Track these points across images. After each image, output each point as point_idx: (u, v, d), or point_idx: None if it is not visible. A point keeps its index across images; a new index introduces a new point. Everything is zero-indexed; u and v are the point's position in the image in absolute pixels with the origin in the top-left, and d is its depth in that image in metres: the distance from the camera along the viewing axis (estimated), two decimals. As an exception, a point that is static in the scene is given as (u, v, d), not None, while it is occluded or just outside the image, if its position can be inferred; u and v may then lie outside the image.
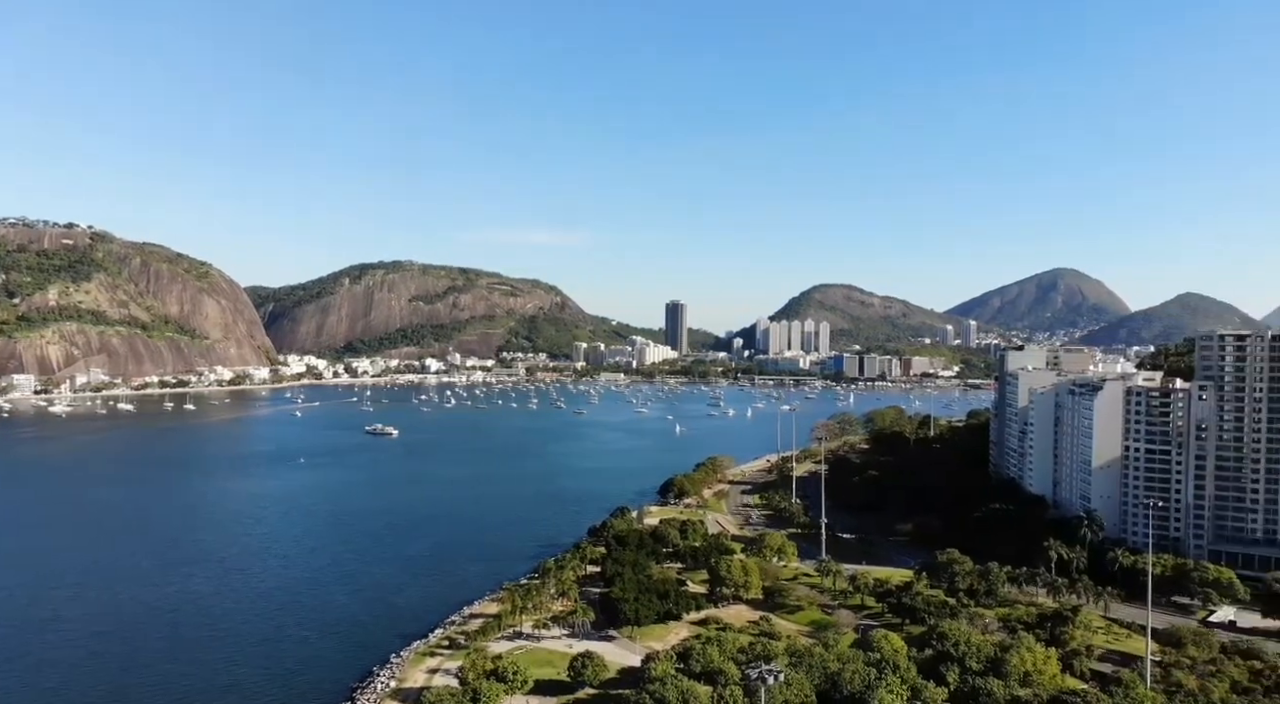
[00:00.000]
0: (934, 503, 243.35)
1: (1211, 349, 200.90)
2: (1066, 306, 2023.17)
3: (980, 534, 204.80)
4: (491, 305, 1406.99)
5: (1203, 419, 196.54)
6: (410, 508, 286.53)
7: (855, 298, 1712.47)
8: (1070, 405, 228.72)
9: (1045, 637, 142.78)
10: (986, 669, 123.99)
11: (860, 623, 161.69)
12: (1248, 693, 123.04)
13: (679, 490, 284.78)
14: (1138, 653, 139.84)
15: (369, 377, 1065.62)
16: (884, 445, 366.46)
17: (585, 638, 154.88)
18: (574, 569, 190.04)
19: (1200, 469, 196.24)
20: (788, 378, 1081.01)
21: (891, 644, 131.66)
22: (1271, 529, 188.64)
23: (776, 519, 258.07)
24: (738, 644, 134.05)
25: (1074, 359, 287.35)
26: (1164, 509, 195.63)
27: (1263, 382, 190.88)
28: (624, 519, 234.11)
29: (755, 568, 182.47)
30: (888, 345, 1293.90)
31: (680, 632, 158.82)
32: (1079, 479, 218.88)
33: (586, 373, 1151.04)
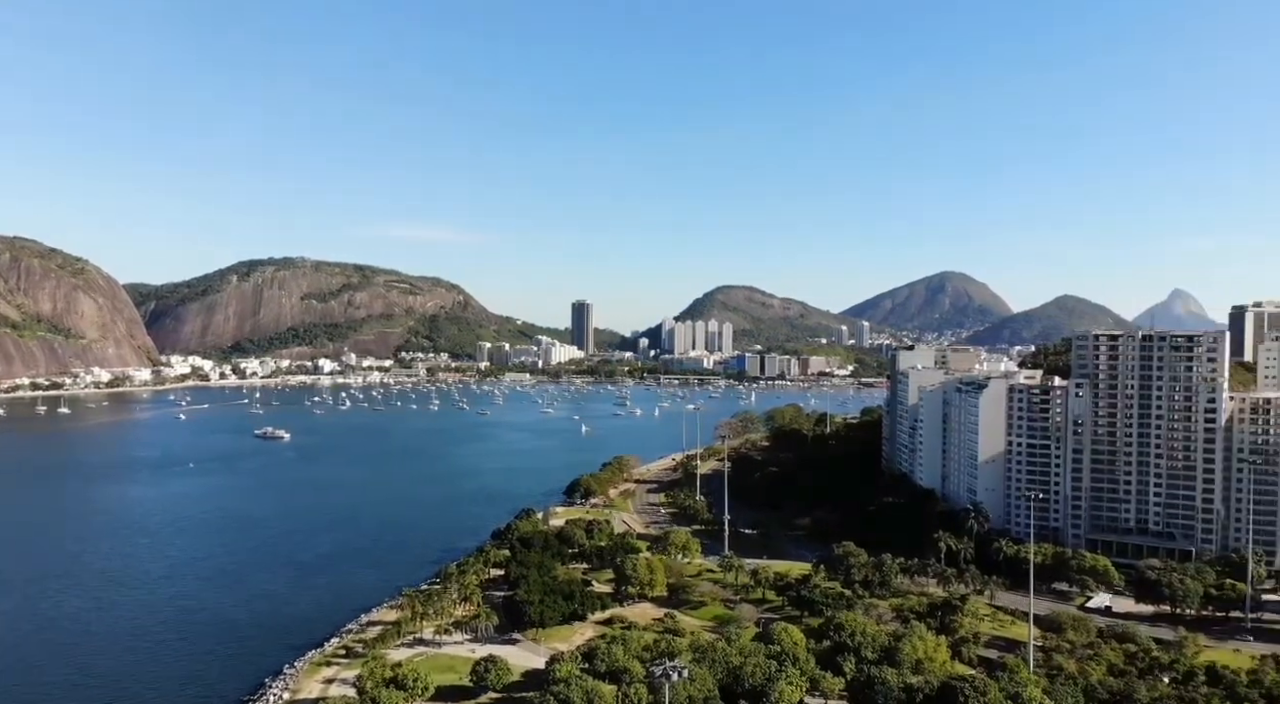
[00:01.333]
0: (831, 498, 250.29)
1: (1087, 348, 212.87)
2: (954, 308, 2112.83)
3: (875, 527, 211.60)
4: (390, 304, 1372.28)
5: (1079, 415, 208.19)
6: (304, 514, 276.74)
7: (756, 299, 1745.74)
8: (957, 402, 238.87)
9: (936, 625, 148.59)
10: (881, 658, 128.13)
11: (762, 617, 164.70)
12: (1123, 675, 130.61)
13: (585, 490, 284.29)
14: (1021, 639, 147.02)
15: (258, 378, 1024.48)
16: (784, 442, 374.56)
17: (489, 642, 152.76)
18: (477, 573, 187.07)
19: (1077, 462, 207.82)
20: (692, 377, 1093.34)
21: (791, 637, 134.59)
22: (1143, 519, 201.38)
23: (682, 517, 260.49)
24: (643, 642, 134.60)
25: (961, 358, 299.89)
26: (1044, 501, 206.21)
27: (1133, 379, 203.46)
28: (529, 521, 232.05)
29: (660, 566, 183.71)
30: (787, 345, 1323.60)
31: (586, 632, 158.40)
32: (966, 473, 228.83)
33: (491, 373, 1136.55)
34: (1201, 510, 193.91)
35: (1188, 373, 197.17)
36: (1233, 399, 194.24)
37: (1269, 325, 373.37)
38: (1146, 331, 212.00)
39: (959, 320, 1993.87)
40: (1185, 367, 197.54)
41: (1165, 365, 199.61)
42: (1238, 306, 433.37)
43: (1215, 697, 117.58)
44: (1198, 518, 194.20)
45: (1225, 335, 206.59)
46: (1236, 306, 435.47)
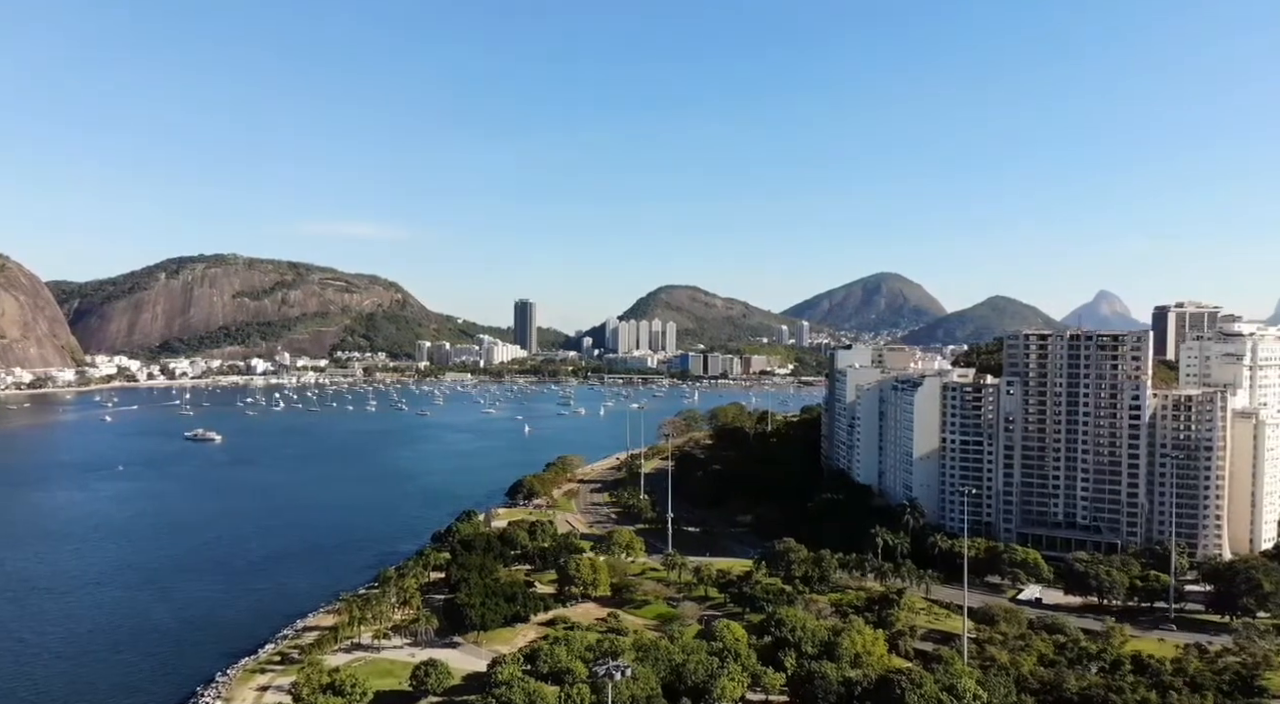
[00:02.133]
0: (772, 494, 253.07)
1: (1017, 348, 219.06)
2: (890, 308, 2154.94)
3: (814, 523, 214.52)
4: (325, 302, 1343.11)
5: (1010, 412, 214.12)
6: (237, 518, 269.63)
7: (700, 299, 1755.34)
8: (893, 400, 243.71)
9: (874, 619, 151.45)
10: (821, 653, 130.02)
11: (704, 614, 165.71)
12: (1053, 665, 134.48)
13: (528, 491, 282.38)
14: (956, 631, 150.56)
15: (188, 379, 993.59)
16: (726, 440, 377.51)
17: (429, 646, 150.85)
18: (416, 576, 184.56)
19: (1009, 458, 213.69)
20: (637, 376, 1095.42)
21: (733, 633, 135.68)
22: (1071, 513, 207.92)
23: (626, 516, 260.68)
24: (586, 642, 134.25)
25: (896, 357, 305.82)
26: (977, 496, 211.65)
27: (1062, 377, 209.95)
28: (470, 523, 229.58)
29: (604, 566, 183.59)
30: (730, 345, 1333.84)
31: (528, 634, 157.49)
32: (902, 469, 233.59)
33: (430, 373, 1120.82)
34: (1127, 504, 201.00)
35: (1113, 371, 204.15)
36: (1156, 396, 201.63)
37: (1190, 325, 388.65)
38: (1074, 331, 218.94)
39: (895, 320, 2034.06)
40: (1111, 365, 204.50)
41: (1092, 364, 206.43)
42: (1160, 307, 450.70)
43: (1141, 685, 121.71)
44: (1123, 511, 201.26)
45: (1149, 335, 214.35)
46: (1159, 307, 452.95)
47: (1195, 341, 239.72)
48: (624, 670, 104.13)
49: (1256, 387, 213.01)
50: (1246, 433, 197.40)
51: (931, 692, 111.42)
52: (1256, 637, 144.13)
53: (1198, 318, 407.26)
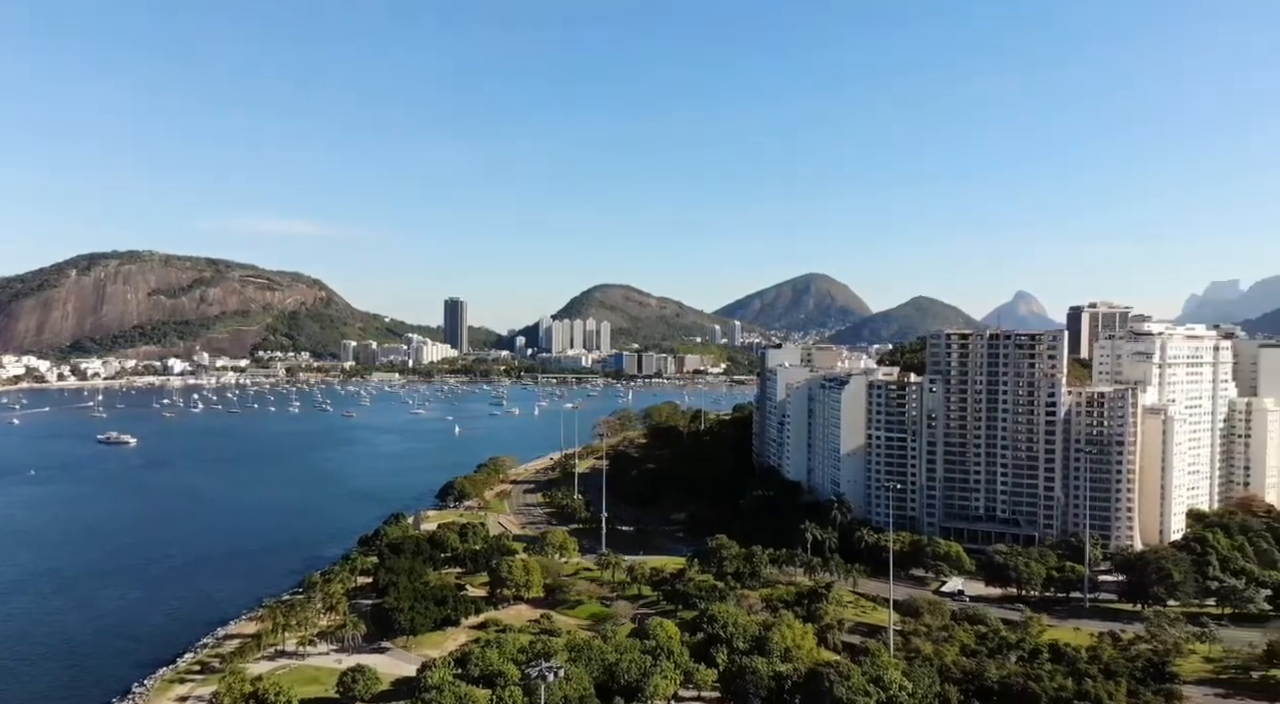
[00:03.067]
0: (705, 492, 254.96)
1: (939, 347, 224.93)
2: (818, 308, 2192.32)
3: (746, 520, 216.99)
4: (246, 300, 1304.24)
5: (933, 409, 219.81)
6: (153, 524, 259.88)
7: (634, 298, 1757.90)
8: (821, 398, 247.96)
9: (803, 613, 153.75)
10: (752, 648, 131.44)
11: (638, 612, 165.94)
12: (974, 655, 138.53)
13: (459, 493, 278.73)
14: (882, 623, 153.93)
15: (101, 380, 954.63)
16: (661, 439, 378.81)
17: (356, 652, 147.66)
18: (343, 581, 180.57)
19: (931, 454, 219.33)
20: (571, 376, 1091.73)
21: (666, 631, 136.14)
22: (991, 506, 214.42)
23: (559, 516, 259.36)
24: (518, 644, 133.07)
25: (824, 356, 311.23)
26: (902, 491, 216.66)
27: (982, 375, 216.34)
28: (399, 526, 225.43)
29: (537, 567, 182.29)
30: (664, 344, 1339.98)
31: (459, 637, 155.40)
32: (830, 465, 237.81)
33: (357, 373, 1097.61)
34: (1044, 498, 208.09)
35: (1030, 370, 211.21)
36: (1070, 394, 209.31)
37: (1102, 325, 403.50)
38: (993, 331, 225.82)
39: (823, 320, 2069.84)
40: (1028, 364, 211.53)
41: (1010, 363, 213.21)
42: (1075, 308, 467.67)
43: (1058, 673, 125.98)
44: (1040, 505, 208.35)
45: (1064, 335, 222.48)
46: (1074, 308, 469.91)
47: (1108, 341, 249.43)
48: (556, 671, 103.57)
49: (1165, 384, 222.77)
50: (1156, 428, 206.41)
51: (859, 684, 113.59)
52: (1167, 625, 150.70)
53: (1110, 318, 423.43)
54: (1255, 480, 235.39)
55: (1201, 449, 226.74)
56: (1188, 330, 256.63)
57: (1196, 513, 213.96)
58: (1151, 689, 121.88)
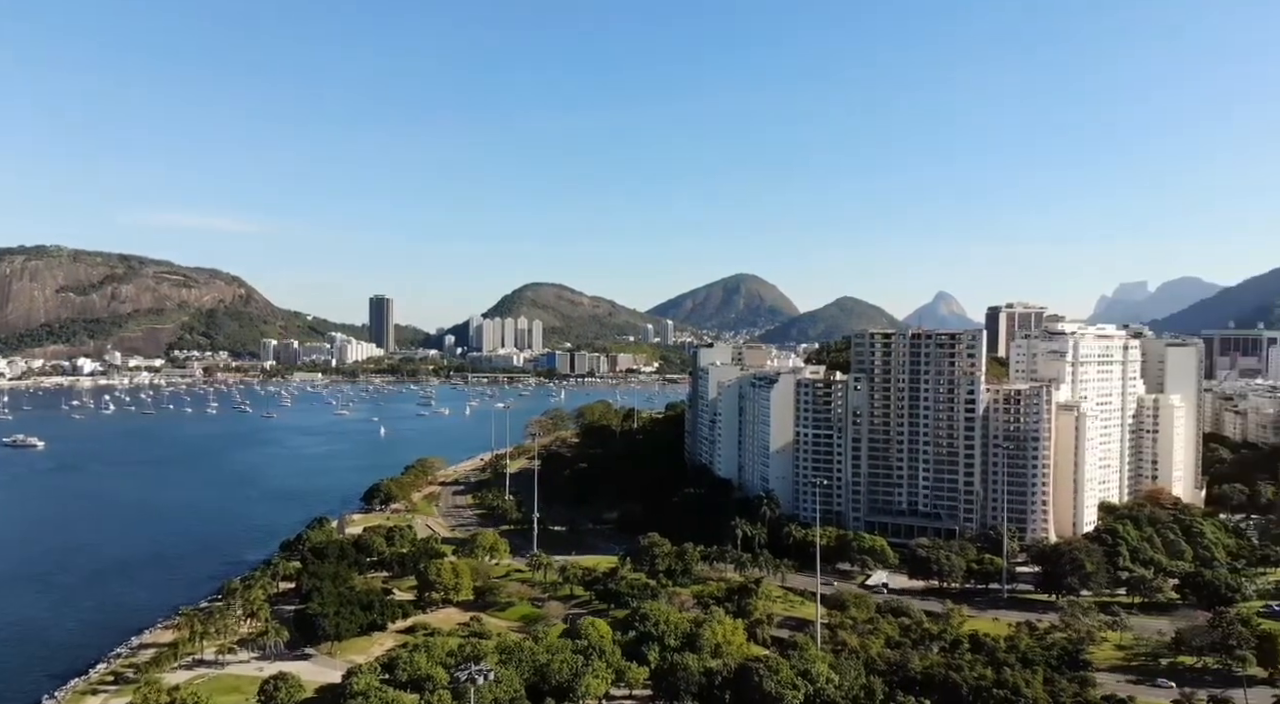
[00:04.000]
0: (638, 491, 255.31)
1: (864, 346, 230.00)
2: (748, 308, 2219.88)
3: (678, 517, 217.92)
4: (160, 298, 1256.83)
5: (858, 407, 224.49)
6: (63, 529, 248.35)
7: (566, 297, 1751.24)
8: (752, 397, 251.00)
9: (733, 609, 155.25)
10: (683, 645, 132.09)
11: (569, 612, 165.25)
12: (899, 646, 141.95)
13: (386, 495, 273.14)
14: (810, 617, 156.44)
15: (6, 380, 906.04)
16: (594, 438, 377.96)
17: (279, 659, 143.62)
18: (264, 587, 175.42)
19: (856, 450, 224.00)
20: (502, 375, 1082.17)
21: (598, 630, 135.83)
22: (914, 501, 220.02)
23: (490, 517, 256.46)
24: (447, 648, 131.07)
25: (754, 355, 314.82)
26: (829, 487, 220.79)
27: (904, 374, 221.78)
28: (322, 530, 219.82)
29: (466, 569, 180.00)
30: (596, 343, 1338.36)
31: (386, 642, 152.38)
32: (759, 462, 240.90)
33: (277, 373, 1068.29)
34: (964, 492, 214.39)
35: (951, 368, 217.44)
36: (989, 391, 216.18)
37: (1019, 325, 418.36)
38: (915, 331, 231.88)
39: (753, 319, 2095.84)
40: (949, 362, 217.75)
41: (931, 361, 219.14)
42: (993, 308, 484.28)
43: (978, 663, 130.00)
44: (960, 499, 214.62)
45: (982, 334, 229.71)
46: (992, 308, 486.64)
47: (1024, 340, 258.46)
48: (486, 674, 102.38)
49: (1077, 381, 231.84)
50: (1069, 424, 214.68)
51: (787, 677, 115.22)
52: (1080, 614, 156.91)
53: (1026, 318, 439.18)
54: (1162, 474, 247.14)
55: (1112, 444, 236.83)
56: (1099, 330, 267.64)
57: (1107, 506, 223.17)
58: (1066, 677, 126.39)
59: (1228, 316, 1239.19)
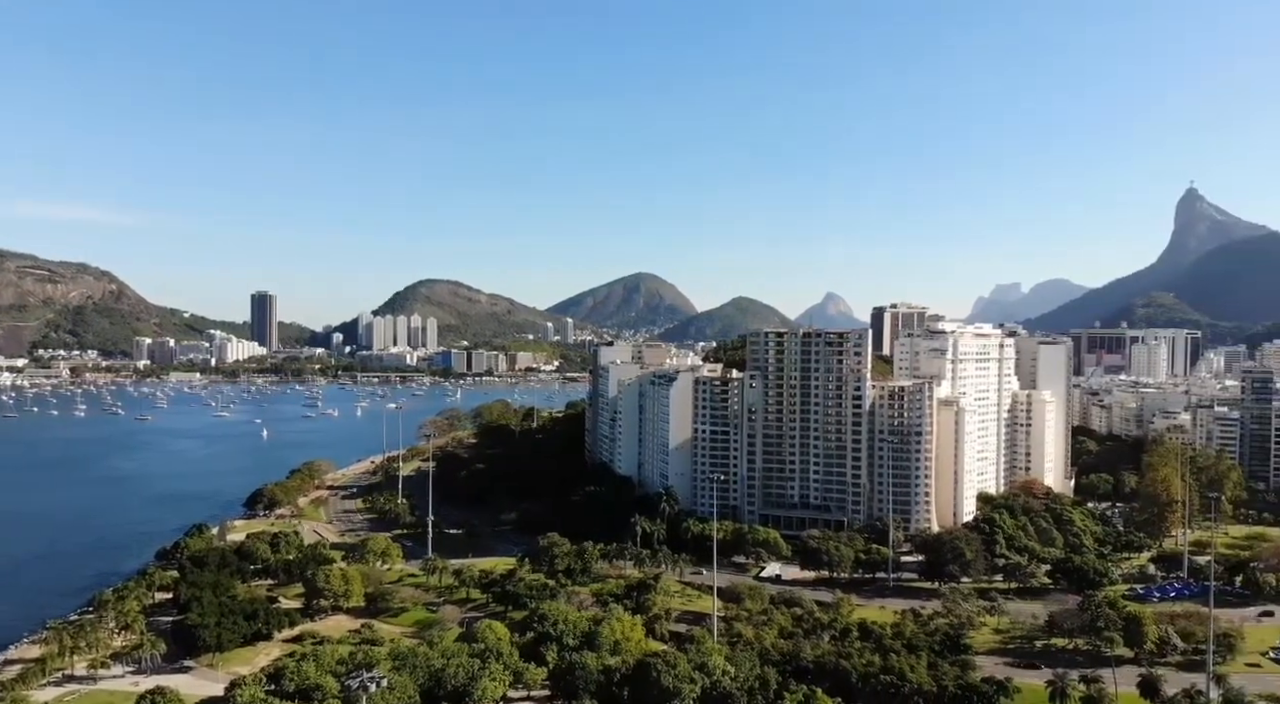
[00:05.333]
0: (538, 491, 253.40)
1: (758, 345, 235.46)
2: (647, 306, 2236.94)
3: (578, 516, 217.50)
4: (23, 293, 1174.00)
5: (753, 404, 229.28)
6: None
7: (462, 294, 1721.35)
8: (652, 395, 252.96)
9: (632, 606, 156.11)
10: (582, 644, 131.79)
11: (465, 616, 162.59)
12: (791, 636, 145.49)
13: (270, 500, 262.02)
14: (707, 611, 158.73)
15: None
16: (491, 438, 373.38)
17: (156, 673, 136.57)
18: (139, 598, 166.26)
19: (751, 446, 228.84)
20: (394, 374, 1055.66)
21: (495, 633, 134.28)
22: (805, 494, 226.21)
23: (382, 522, 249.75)
24: (337, 655, 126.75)
25: (654, 353, 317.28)
26: (725, 482, 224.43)
27: (797, 371, 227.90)
28: (202, 537, 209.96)
29: (357, 575, 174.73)
30: (494, 341, 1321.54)
31: (272, 651, 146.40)
32: (659, 459, 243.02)
33: (152, 373, 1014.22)
34: (852, 485, 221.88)
35: (839, 366, 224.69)
36: (875, 388, 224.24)
37: (902, 324, 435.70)
38: (806, 330, 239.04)
39: (652, 318, 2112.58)
40: (837, 360, 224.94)
41: (821, 359, 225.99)
42: (878, 308, 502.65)
43: (866, 650, 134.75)
44: (849, 492, 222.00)
45: (868, 333, 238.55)
46: (877, 308, 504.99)
47: (907, 339, 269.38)
48: (379, 681, 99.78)
49: (957, 378, 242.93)
50: (949, 419, 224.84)
51: (685, 671, 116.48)
52: (961, 600, 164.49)
53: (909, 317, 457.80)
54: (1035, 465, 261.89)
55: (989, 437, 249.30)
56: (976, 329, 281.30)
57: (985, 496, 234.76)
58: (949, 661, 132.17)
59: (1094, 316, 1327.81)
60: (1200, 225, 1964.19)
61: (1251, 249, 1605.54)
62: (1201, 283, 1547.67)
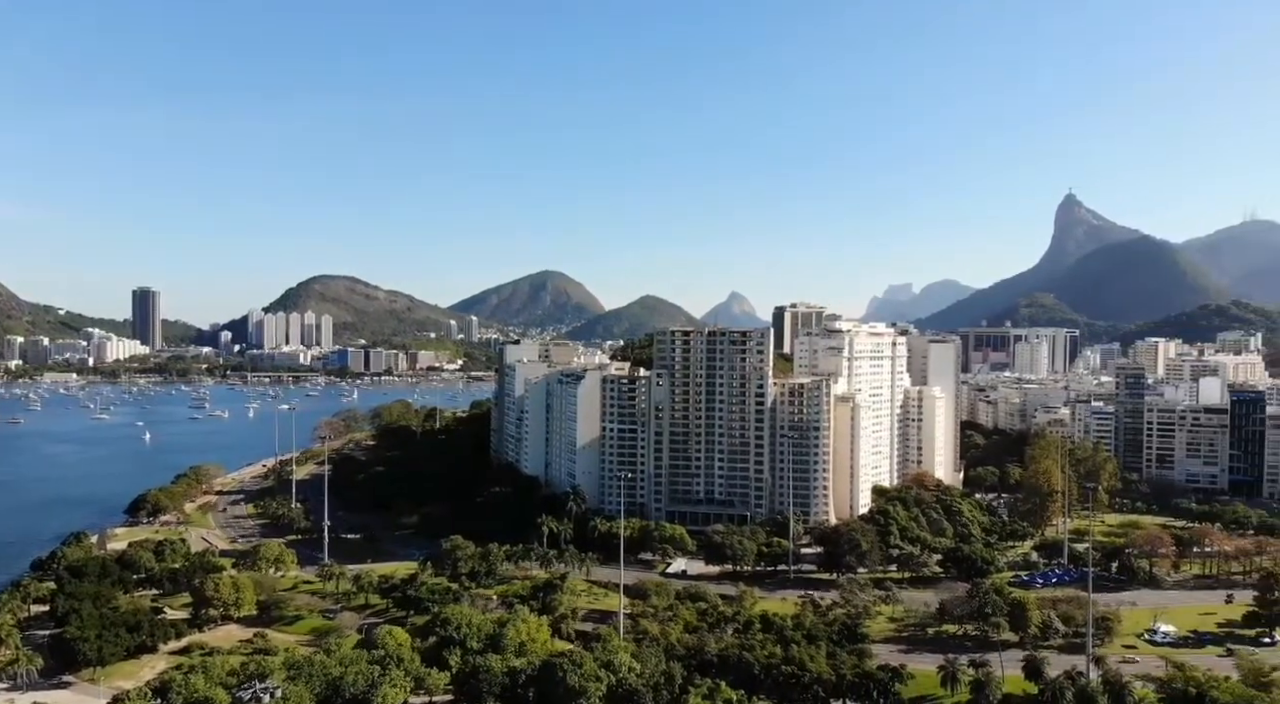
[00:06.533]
0: (441, 493, 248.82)
1: (665, 343, 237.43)
2: (554, 305, 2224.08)
3: (483, 518, 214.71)
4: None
5: (660, 401, 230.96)
6: None
7: (359, 291, 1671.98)
8: (559, 393, 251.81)
9: (539, 606, 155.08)
10: (486, 646, 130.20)
11: (364, 622, 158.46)
12: (696, 631, 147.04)
13: (154, 507, 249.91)
14: (613, 609, 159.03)
15: None
16: (391, 440, 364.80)
17: (32, 689, 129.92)
18: (13, 611, 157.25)
19: (659, 443, 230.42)
20: (287, 374, 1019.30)
21: (395, 638, 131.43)
22: (710, 490, 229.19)
23: (275, 527, 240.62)
24: (228, 667, 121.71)
25: (562, 352, 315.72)
26: (633, 480, 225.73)
27: (702, 370, 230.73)
28: (80, 546, 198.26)
29: (248, 583, 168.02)
30: (394, 340, 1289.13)
31: (158, 664, 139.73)
32: (567, 458, 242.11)
33: (24, 373, 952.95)
34: (754, 480, 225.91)
35: (742, 363, 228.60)
36: (776, 385, 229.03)
37: (802, 323, 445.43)
38: (711, 329, 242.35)
39: (560, 316, 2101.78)
40: (740, 358, 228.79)
41: (725, 357, 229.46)
42: (779, 307, 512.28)
43: (768, 641, 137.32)
44: (751, 486, 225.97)
45: (770, 332, 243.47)
46: (778, 307, 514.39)
47: (806, 337, 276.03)
48: (272, 692, 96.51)
49: (853, 375, 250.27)
50: (846, 414, 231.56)
51: (591, 670, 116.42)
52: (857, 590, 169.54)
53: (808, 317, 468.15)
54: (926, 458, 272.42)
55: (883, 432, 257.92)
56: (870, 328, 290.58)
57: (880, 489, 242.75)
58: (846, 650, 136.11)
59: (980, 316, 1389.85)
60: (1078, 230, 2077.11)
61: (1125, 252, 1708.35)
62: (1079, 284, 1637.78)
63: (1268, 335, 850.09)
